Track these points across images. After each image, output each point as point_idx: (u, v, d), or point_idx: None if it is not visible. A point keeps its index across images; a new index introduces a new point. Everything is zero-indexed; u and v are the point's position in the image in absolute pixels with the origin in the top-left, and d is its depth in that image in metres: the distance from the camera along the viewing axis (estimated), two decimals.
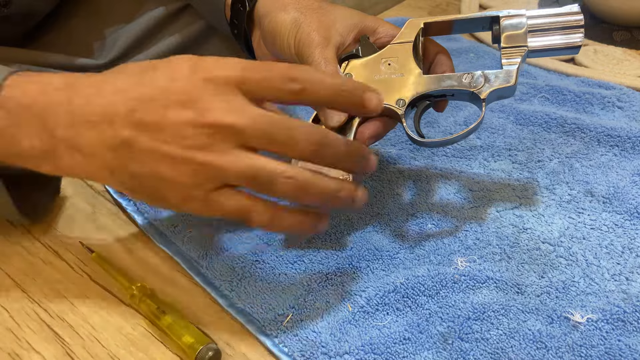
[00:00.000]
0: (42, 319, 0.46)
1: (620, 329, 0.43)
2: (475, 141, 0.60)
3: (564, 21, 0.48)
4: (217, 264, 0.48)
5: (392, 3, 0.92)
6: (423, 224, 0.52)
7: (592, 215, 0.52)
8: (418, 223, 0.52)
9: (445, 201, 0.54)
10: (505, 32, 0.48)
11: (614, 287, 0.46)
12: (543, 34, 0.48)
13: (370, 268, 0.48)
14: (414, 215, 0.52)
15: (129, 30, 0.68)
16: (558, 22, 0.48)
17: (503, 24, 0.48)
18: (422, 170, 0.57)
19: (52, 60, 0.63)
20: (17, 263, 0.51)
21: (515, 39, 0.48)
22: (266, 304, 0.45)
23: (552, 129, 0.61)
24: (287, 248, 0.50)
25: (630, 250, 0.48)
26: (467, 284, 0.46)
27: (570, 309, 0.44)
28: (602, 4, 0.80)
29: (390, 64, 0.49)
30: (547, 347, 0.42)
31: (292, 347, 0.43)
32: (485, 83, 0.47)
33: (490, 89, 0.47)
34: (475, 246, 0.49)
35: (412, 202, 0.54)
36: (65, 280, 0.49)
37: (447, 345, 0.42)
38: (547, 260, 0.48)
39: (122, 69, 0.42)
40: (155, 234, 0.52)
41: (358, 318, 0.44)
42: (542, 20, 0.48)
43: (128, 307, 0.47)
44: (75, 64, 0.64)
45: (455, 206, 0.53)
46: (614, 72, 0.71)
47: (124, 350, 0.44)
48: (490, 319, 0.43)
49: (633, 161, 0.57)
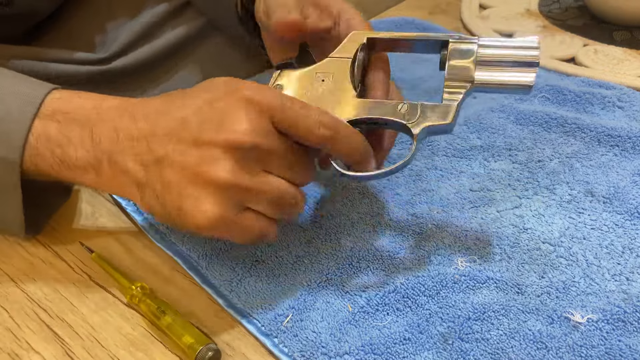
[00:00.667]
0: (42, 319, 0.46)
1: (621, 329, 0.42)
2: (476, 141, 0.60)
3: (520, 55, 0.43)
4: (217, 264, 0.48)
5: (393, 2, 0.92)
6: (423, 224, 0.52)
7: (593, 215, 0.52)
8: (418, 223, 0.52)
9: (445, 201, 0.54)
10: (451, 61, 0.44)
11: (615, 287, 0.46)
12: (493, 68, 0.43)
13: (370, 268, 0.48)
14: (414, 215, 0.52)
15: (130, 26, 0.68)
16: (512, 55, 0.43)
17: (451, 49, 0.44)
18: (422, 170, 0.57)
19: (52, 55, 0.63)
20: (16, 263, 0.51)
21: (461, 70, 0.43)
22: (266, 304, 0.45)
23: (553, 129, 0.61)
24: None
25: (630, 251, 0.48)
26: (467, 284, 0.46)
27: (571, 309, 0.44)
28: (602, 4, 0.80)
29: (324, 80, 0.46)
30: (547, 348, 0.41)
31: (292, 348, 0.42)
32: (420, 116, 0.43)
33: (424, 125, 0.43)
34: (475, 246, 0.49)
35: (412, 202, 0.54)
36: (65, 280, 0.49)
37: (447, 346, 0.42)
38: (547, 260, 0.48)
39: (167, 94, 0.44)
40: (155, 234, 0.52)
41: (358, 318, 0.44)
42: (495, 51, 0.44)
43: (128, 307, 0.47)
44: (75, 57, 0.64)
45: (455, 206, 0.53)
46: (614, 72, 0.71)
47: (123, 351, 0.44)
48: (490, 319, 0.43)
49: (633, 161, 0.57)
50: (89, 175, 0.44)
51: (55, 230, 0.53)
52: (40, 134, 0.44)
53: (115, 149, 0.42)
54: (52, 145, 0.44)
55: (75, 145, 0.43)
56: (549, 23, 0.82)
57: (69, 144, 0.43)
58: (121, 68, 0.66)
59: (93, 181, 0.44)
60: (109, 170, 0.43)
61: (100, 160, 0.43)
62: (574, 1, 0.87)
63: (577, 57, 0.74)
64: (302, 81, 0.46)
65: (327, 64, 0.46)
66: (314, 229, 0.51)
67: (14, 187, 0.45)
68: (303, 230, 0.51)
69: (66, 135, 0.43)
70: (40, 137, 0.44)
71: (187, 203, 0.40)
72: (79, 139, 0.43)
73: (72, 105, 0.44)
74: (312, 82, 0.46)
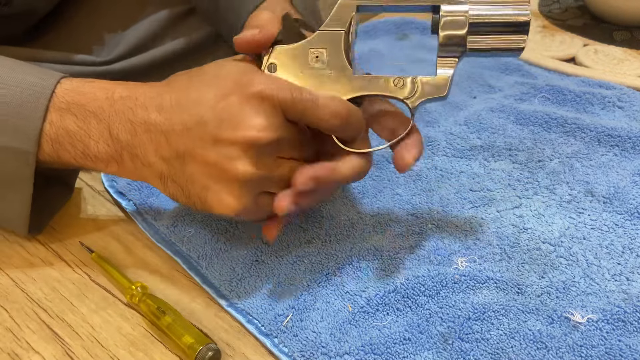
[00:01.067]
0: (42, 319, 0.46)
1: (621, 329, 0.42)
2: (476, 141, 0.60)
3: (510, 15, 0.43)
4: (217, 264, 0.48)
5: None
6: (423, 224, 0.52)
7: (593, 215, 0.52)
8: (418, 223, 0.52)
9: (446, 201, 0.54)
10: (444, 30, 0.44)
11: (615, 287, 0.46)
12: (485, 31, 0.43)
13: (371, 268, 0.48)
14: (414, 215, 0.52)
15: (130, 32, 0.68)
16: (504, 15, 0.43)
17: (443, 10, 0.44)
18: (422, 170, 0.57)
19: (49, 57, 0.63)
20: (16, 263, 0.51)
21: (454, 38, 0.44)
22: (266, 304, 0.45)
23: (553, 129, 0.61)
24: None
25: (630, 250, 0.48)
26: (467, 284, 0.46)
27: (571, 309, 0.44)
28: (602, 4, 0.80)
29: (318, 57, 0.45)
30: (547, 348, 0.41)
31: (292, 348, 0.42)
32: (417, 91, 0.44)
33: (421, 100, 0.44)
34: (475, 246, 0.49)
35: (412, 202, 0.54)
36: (64, 280, 0.49)
37: (447, 346, 0.42)
38: (547, 260, 0.48)
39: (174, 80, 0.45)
40: (155, 234, 0.52)
41: (358, 318, 0.44)
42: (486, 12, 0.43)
43: (128, 307, 0.47)
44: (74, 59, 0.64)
45: (455, 206, 0.53)
46: (614, 72, 0.71)
47: (123, 351, 0.44)
48: (490, 319, 0.43)
49: (633, 161, 0.57)
50: (111, 166, 0.45)
51: (55, 230, 0.53)
52: (60, 127, 0.45)
53: (135, 142, 0.43)
54: (73, 139, 0.45)
55: (97, 140, 0.44)
56: (549, 23, 0.82)
57: (89, 138, 0.44)
58: (119, 70, 0.66)
59: (116, 171, 0.46)
60: (131, 163, 0.44)
61: (121, 154, 0.44)
62: (574, 1, 0.87)
63: (577, 57, 0.74)
64: (296, 59, 0.45)
65: (319, 38, 0.45)
66: (314, 229, 0.51)
67: (26, 179, 0.46)
68: (303, 230, 0.51)
69: (85, 130, 0.44)
70: (59, 130, 0.45)
71: (211, 196, 0.42)
72: (98, 133, 0.44)
73: (86, 97, 0.45)
74: (306, 60, 0.45)
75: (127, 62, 0.67)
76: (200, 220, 0.52)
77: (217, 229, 0.51)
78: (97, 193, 0.57)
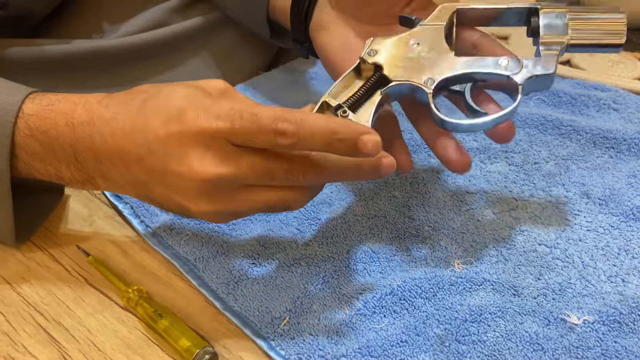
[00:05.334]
0: (38, 322, 0.46)
1: (617, 330, 0.43)
2: (472, 143, 0.61)
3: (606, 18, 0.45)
4: (213, 267, 0.48)
5: None
6: (420, 226, 0.52)
7: (588, 217, 0.52)
8: (415, 225, 0.52)
9: (442, 203, 0.54)
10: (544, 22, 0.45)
11: (610, 288, 0.46)
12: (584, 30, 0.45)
13: (367, 270, 0.48)
14: (410, 217, 0.52)
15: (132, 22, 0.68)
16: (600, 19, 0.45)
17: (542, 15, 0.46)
18: (419, 172, 0.57)
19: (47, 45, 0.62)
20: (13, 266, 0.50)
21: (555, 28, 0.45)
22: (263, 307, 0.45)
23: (548, 131, 0.61)
24: None
25: (626, 252, 0.49)
26: (464, 286, 0.46)
27: (567, 310, 0.44)
28: None
29: (419, 44, 0.46)
30: (543, 349, 0.42)
31: (289, 350, 0.42)
32: (522, 69, 0.45)
33: (529, 75, 0.45)
34: (472, 248, 0.49)
35: (409, 204, 0.54)
36: (61, 284, 0.49)
37: (444, 348, 0.42)
38: (543, 262, 0.48)
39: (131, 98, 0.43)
40: (151, 237, 0.52)
41: (355, 321, 0.44)
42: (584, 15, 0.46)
43: (124, 310, 0.47)
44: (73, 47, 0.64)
45: (452, 208, 0.53)
46: (609, 74, 0.71)
47: (120, 354, 0.43)
48: (487, 321, 0.43)
49: (629, 163, 0.57)
50: (88, 187, 0.46)
51: (52, 234, 0.53)
52: (28, 152, 0.44)
53: (103, 168, 0.44)
54: (44, 162, 0.45)
55: (67, 165, 0.44)
56: None
57: (59, 163, 0.45)
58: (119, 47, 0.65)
59: (93, 189, 0.46)
60: (105, 184, 0.45)
61: (93, 177, 0.45)
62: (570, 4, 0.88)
63: (573, 60, 0.74)
64: (397, 46, 0.47)
65: (420, 32, 0.47)
66: (310, 232, 0.51)
67: (3, 197, 0.45)
68: (300, 232, 0.51)
69: (54, 155, 0.44)
70: (29, 154, 0.44)
71: (185, 209, 0.43)
72: (66, 159, 0.44)
73: (46, 123, 0.44)
74: (407, 46, 0.47)
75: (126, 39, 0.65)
76: (197, 223, 0.52)
77: (213, 232, 0.51)
78: (93, 196, 0.57)
